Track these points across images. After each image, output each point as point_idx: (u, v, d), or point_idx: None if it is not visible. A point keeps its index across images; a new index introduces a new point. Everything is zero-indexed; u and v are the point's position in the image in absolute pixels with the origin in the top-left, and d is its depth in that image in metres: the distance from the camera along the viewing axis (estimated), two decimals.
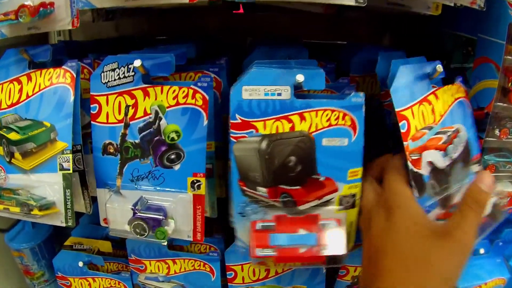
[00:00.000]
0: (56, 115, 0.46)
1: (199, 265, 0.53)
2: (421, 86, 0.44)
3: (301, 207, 0.42)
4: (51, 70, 0.47)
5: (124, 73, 0.44)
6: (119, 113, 0.45)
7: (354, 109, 0.40)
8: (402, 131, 0.40)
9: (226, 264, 0.51)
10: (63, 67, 0.46)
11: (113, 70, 0.44)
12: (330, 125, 0.40)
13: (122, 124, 0.45)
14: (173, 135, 0.43)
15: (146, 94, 0.43)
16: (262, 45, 0.51)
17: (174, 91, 0.43)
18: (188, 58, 0.47)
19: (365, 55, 0.50)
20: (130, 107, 0.44)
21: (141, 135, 0.44)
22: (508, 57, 0.48)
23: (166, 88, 0.43)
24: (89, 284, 0.59)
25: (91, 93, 0.45)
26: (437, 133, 0.44)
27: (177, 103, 0.43)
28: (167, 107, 0.43)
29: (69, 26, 0.45)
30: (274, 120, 0.41)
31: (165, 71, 0.43)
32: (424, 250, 0.37)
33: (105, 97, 0.45)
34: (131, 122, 0.44)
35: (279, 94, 0.41)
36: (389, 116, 0.49)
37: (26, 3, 0.44)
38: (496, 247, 0.58)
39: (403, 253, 0.37)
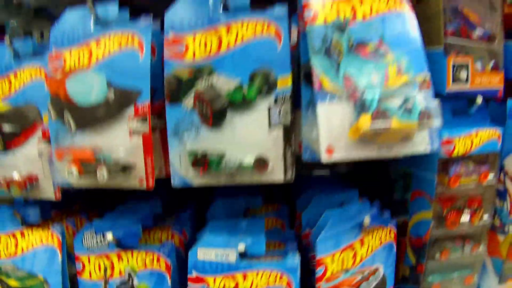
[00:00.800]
0: (47, 271, 0.55)
1: None
2: (349, 234, 0.51)
3: None
4: (40, 230, 0.56)
5: (100, 239, 0.53)
6: (100, 271, 0.53)
7: (291, 271, 0.48)
8: (317, 275, 0.47)
9: None
10: (50, 229, 0.56)
11: (91, 236, 0.53)
12: (268, 285, 0.48)
13: (103, 281, 0.54)
14: None
15: (119, 258, 0.52)
16: (222, 196, 0.59)
17: (142, 256, 0.51)
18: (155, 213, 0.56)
19: (310, 194, 0.58)
20: (108, 268, 0.53)
21: None
22: (440, 188, 0.55)
23: (135, 253, 0.52)
24: None
25: (75, 253, 0.54)
26: (354, 273, 0.52)
27: (145, 267, 0.52)
28: (138, 270, 0.52)
29: (52, 196, 0.54)
30: (222, 277, 0.49)
31: (133, 240, 0.52)
32: None
33: (87, 257, 0.53)
34: (109, 281, 0.53)
35: (227, 256, 0.49)
36: None
37: (14, 177, 0.54)
38: None
39: None
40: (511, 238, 0.58)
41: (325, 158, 0.41)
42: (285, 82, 0.45)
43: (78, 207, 0.68)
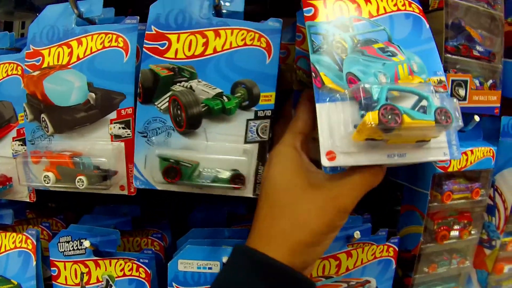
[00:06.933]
0: (21, 275, 0.58)
1: None
2: (333, 245, 0.55)
3: None
4: (14, 234, 0.59)
5: (77, 246, 0.55)
6: (76, 278, 0.56)
7: None
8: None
9: None
10: (25, 233, 0.58)
11: (67, 242, 0.55)
12: None
13: (79, 287, 0.56)
14: None
15: (97, 265, 0.55)
16: (204, 201, 0.62)
17: (120, 264, 0.54)
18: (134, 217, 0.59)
19: None
20: (85, 274, 0.56)
21: None
22: (433, 204, 0.58)
23: (113, 261, 0.54)
24: None
25: (50, 258, 0.57)
26: (338, 281, 0.56)
27: (124, 275, 0.54)
28: (116, 277, 0.55)
29: (27, 199, 0.57)
30: None
31: (111, 247, 0.54)
32: (293, 200, 0.40)
33: (63, 263, 0.56)
34: (86, 286, 0.56)
35: (210, 268, 0.52)
36: None
37: None
38: None
39: (272, 202, 0.41)
40: (497, 252, 0.63)
41: (325, 163, 0.38)
42: (268, 99, 0.47)
43: (53, 205, 0.70)
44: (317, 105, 0.38)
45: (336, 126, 0.38)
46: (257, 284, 0.39)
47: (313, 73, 0.39)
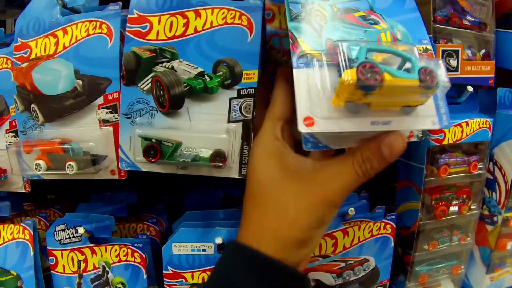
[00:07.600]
0: (20, 266, 0.59)
1: None
2: None
3: None
4: (12, 226, 0.60)
5: (72, 233, 0.56)
6: (73, 266, 0.57)
7: None
8: None
9: None
10: (22, 224, 0.59)
11: (63, 230, 0.57)
12: None
13: (77, 274, 0.57)
14: (120, 286, 0.56)
15: (93, 252, 0.56)
16: (199, 186, 0.63)
17: (115, 250, 0.55)
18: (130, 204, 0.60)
19: None
20: (82, 262, 0.57)
21: (94, 284, 0.57)
22: (429, 178, 0.58)
23: (109, 247, 0.55)
24: None
25: (47, 247, 0.58)
26: (335, 260, 0.56)
27: (120, 260, 0.55)
28: (112, 263, 0.56)
29: (22, 189, 0.58)
30: (200, 272, 0.52)
31: (106, 233, 0.55)
32: (279, 195, 0.38)
33: (60, 252, 0.57)
34: (83, 274, 0.57)
35: (204, 250, 0.52)
36: None
37: None
38: None
39: (258, 197, 0.40)
40: (499, 228, 0.62)
41: (303, 129, 0.35)
42: (251, 77, 0.47)
43: (52, 197, 0.72)
44: (294, 71, 0.37)
45: (315, 91, 0.36)
46: (249, 279, 0.38)
47: (290, 40, 0.38)
